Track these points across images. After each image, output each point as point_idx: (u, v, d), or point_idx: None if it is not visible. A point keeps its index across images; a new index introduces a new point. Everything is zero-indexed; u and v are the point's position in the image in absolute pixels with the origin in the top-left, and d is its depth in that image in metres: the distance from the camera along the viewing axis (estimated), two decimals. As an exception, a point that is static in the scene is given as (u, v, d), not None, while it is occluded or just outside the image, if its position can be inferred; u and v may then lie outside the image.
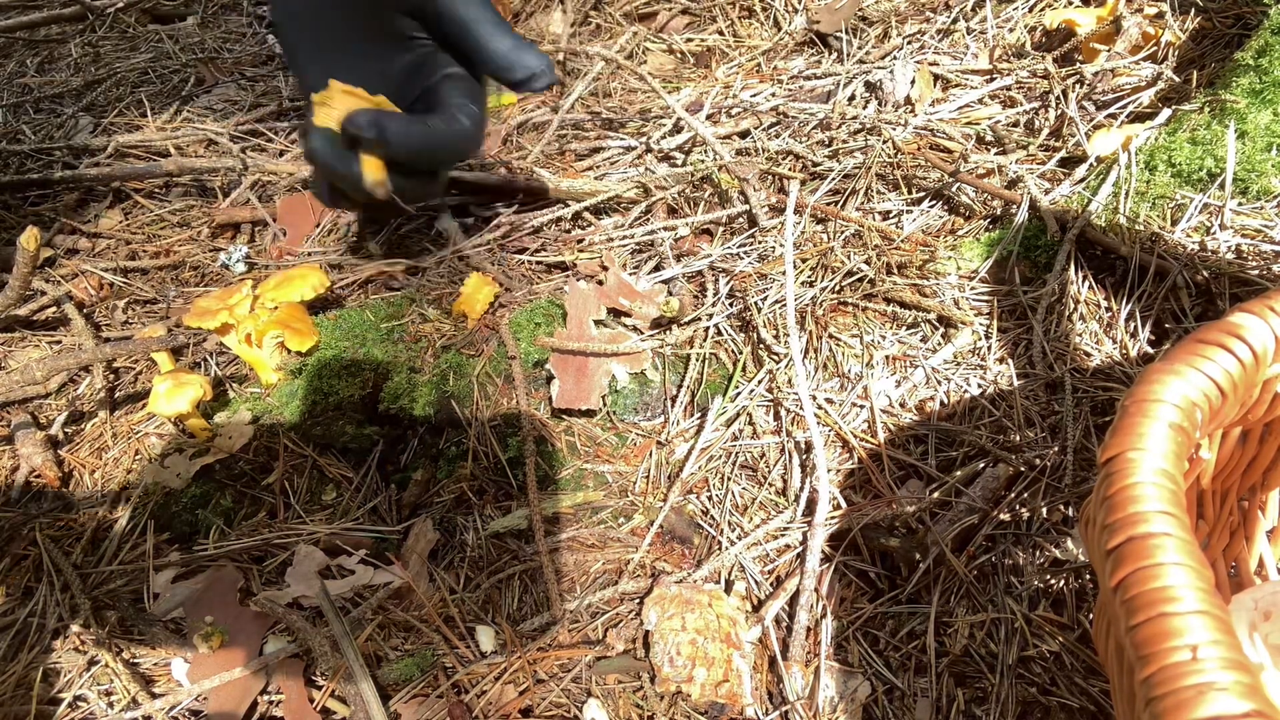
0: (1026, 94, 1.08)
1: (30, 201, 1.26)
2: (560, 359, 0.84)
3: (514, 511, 0.79)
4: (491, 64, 0.68)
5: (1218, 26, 1.04)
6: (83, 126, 1.42)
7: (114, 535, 0.81)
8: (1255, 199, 0.81)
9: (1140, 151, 0.88)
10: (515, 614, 0.73)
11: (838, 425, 0.78)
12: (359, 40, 0.71)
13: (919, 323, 0.86)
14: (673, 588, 0.70)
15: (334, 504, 0.83)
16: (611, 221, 1.06)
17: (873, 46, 1.23)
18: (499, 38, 0.67)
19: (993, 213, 0.94)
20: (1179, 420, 0.40)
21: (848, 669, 0.65)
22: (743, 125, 1.15)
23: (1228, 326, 0.44)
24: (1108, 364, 0.78)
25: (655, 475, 0.80)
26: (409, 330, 0.89)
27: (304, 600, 0.74)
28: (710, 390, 0.85)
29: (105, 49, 1.65)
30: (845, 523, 0.72)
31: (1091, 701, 0.60)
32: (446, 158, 0.70)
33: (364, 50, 0.72)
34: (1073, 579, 0.66)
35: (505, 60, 0.67)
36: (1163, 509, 0.36)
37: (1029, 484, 0.72)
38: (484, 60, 0.68)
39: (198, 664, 0.71)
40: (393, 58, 0.72)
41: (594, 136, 1.21)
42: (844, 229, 0.95)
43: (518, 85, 0.68)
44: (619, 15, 1.45)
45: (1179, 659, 0.32)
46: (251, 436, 0.84)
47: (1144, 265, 0.80)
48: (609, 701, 0.65)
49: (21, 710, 0.69)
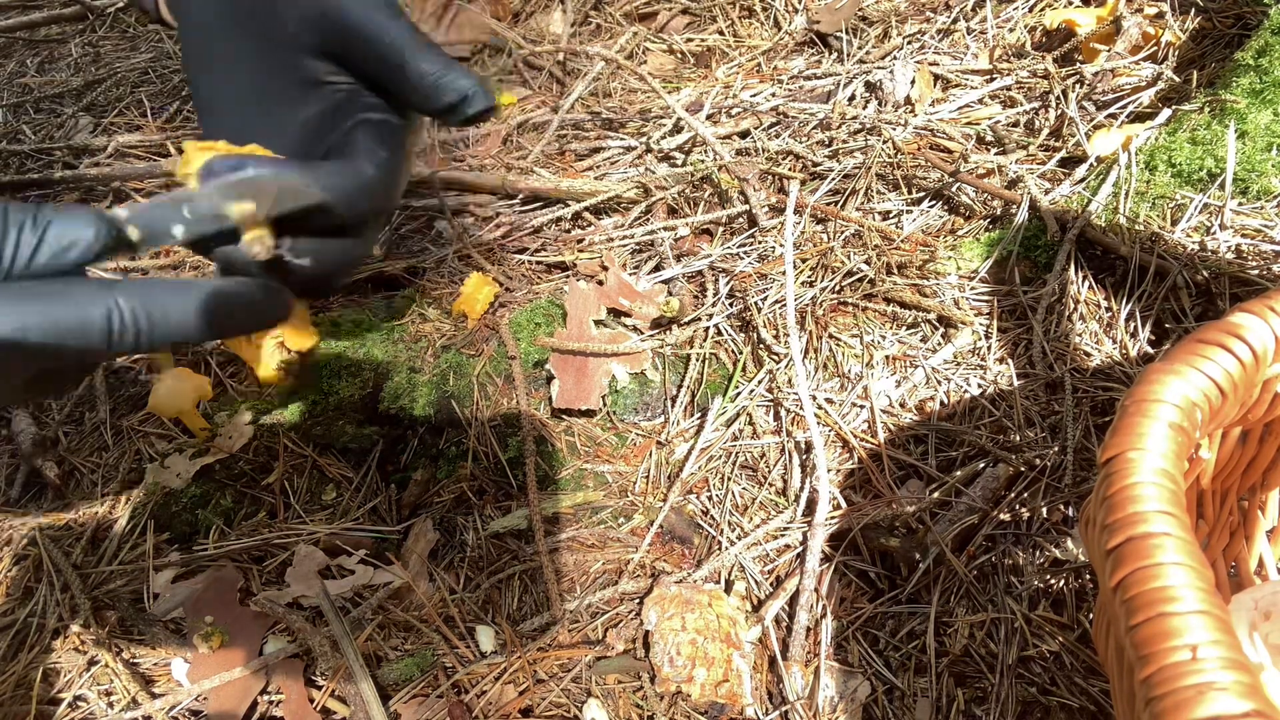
0: (1026, 94, 1.08)
1: (30, 201, 1.26)
2: (560, 359, 0.84)
3: (514, 511, 0.79)
4: (415, 89, 0.58)
5: (1218, 26, 1.04)
6: (83, 126, 1.42)
7: (114, 535, 0.81)
8: (1255, 199, 0.81)
9: (1140, 151, 0.88)
10: (515, 614, 0.73)
11: (838, 425, 0.78)
12: (264, 89, 0.62)
13: (919, 323, 0.86)
14: (673, 588, 0.70)
15: (334, 504, 0.83)
16: (611, 221, 1.06)
17: (873, 46, 1.23)
18: (423, 59, 0.57)
19: (993, 213, 0.94)
20: (1179, 420, 0.40)
21: (848, 669, 0.65)
22: (743, 125, 1.15)
23: (1228, 326, 0.44)
24: (1108, 364, 0.78)
25: (655, 475, 0.80)
26: (409, 330, 0.89)
27: (304, 600, 0.74)
28: (710, 390, 0.85)
29: (105, 49, 1.65)
30: (845, 523, 0.72)
31: (1091, 701, 0.60)
32: (342, 210, 0.55)
33: (273, 99, 0.62)
34: (1073, 579, 0.66)
35: (430, 83, 0.57)
36: (1163, 509, 0.36)
37: (1029, 484, 0.72)
38: (406, 87, 0.58)
39: (198, 664, 0.71)
40: (303, 106, 0.62)
41: (594, 136, 1.21)
42: (844, 229, 0.95)
43: (447, 113, 0.58)
44: (619, 15, 1.45)
45: (1179, 659, 0.32)
46: (251, 436, 0.84)
47: (1144, 265, 0.80)
48: (609, 701, 0.65)
49: (21, 710, 0.69)
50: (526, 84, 1.36)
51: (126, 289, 0.39)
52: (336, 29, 0.58)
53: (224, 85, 0.63)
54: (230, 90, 0.63)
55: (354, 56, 0.59)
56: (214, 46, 0.63)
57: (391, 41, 0.57)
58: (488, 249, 1.02)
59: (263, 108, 0.62)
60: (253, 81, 0.62)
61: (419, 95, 0.58)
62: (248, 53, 0.61)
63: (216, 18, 0.62)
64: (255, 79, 0.62)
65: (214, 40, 0.63)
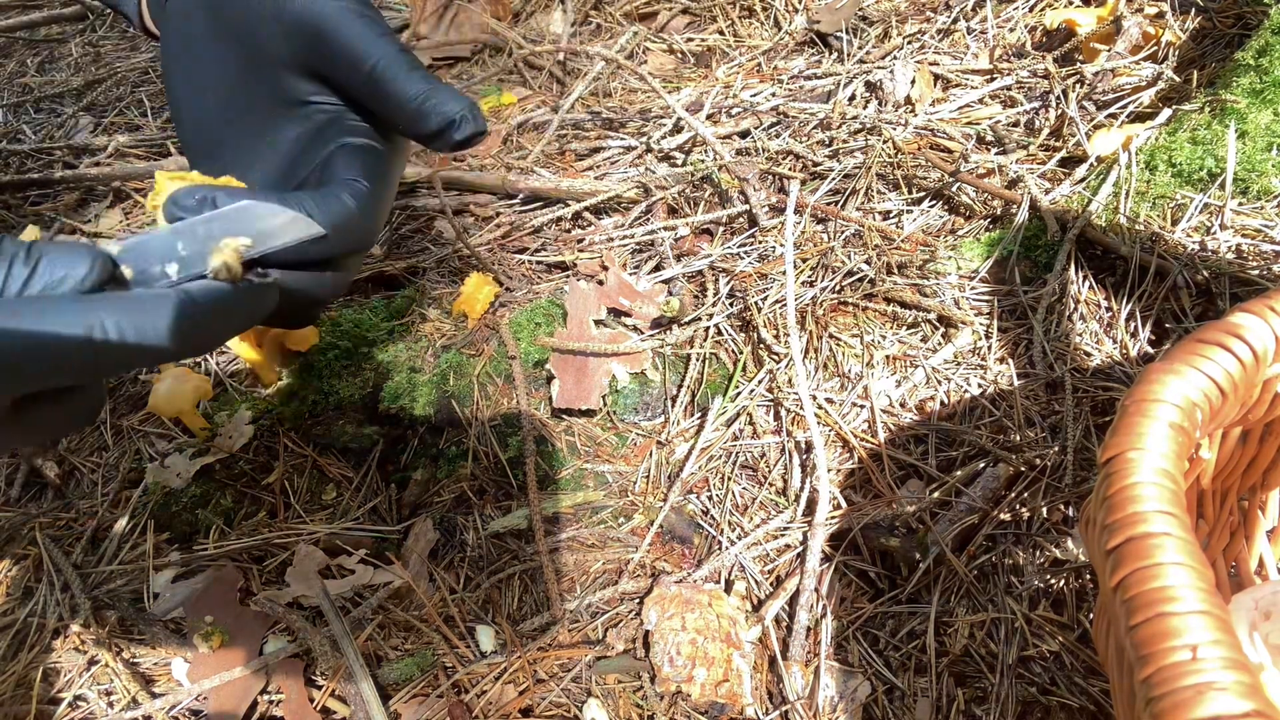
0: (1027, 94, 1.08)
1: (31, 201, 1.26)
2: (560, 359, 0.84)
3: (514, 511, 0.79)
4: (401, 112, 0.54)
5: (1218, 26, 1.04)
6: (83, 126, 1.42)
7: (114, 535, 0.81)
8: (1255, 199, 0.81)
9: (1140, 151, 0.88)
10: (515, 614, 0.73)
11: (838, 425, 0.78)
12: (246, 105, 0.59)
13: (919, 323, 0.86)
14: (673, 588, 0.70)
15: (334, 504, 0.83)
16: (611, 221, 1.06)
17: (873, 46, 1.23)
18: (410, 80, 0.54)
19: (993, 213, 0.94)
20: (1179, 420, 0.40)
21: (848, 669, 0.65)
22: (743, 125, 1.15)
23: (1228, 326, 0.44)
24: (1108, 364, 0.78)
25: (655, 475, 0.80)
26: (409, 330, 0.89)
27: (304, 600, 0.74)
28: (710, 390, 0.85)
29: (105, 49, 1.65)
30: (845, 523, 0.72)
31: (1091, 701, 0.60)
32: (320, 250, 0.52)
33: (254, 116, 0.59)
34: (1073, 579, 0.66)
35: (417, 106, 0.53)
36: (1163, 509, 0.36)
37: (1029, 484, 0.72)
38: (392, 110, 0.54)
39: (198, 664, 0.71)
40: (285, 125, 0.58)
41: (594, 136, 1.21)
42: (844, 229, 0.95)
43: (435, 138, 0.54)
44: (619, 15, 1.45)
45: (1179, 659, 0.32)
46: (251, 436, 0.85)
47: (1144, 265, 0.80)
48: (609, 701, 0.65)
49: (21, 710, 0.69)
50: (526, 84, 1.36)
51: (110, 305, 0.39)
52: (322, 48, 0.54)
53: (205, 100, 0.60)
54: (210, 105, 0.60)
55: (339, 76, 0.56)
56: (196, 60, 0.60)
57: (377, 62, 0.53)
58: (488, 249, 1.02)
59: (243, 125, 0.59)
60: (234, 98, 0.59)
61: (405, 119, 0.54)
62: (230, 68, 0.58)
63: (200, 30, 0.59)
64: (236, 95, 0.59)
65: (196, 53, 0.60)
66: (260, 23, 0.56)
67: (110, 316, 0.38)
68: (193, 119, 0.61)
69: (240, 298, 0.45)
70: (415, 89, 0.53)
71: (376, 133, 0.58)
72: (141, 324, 0.39)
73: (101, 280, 0.40)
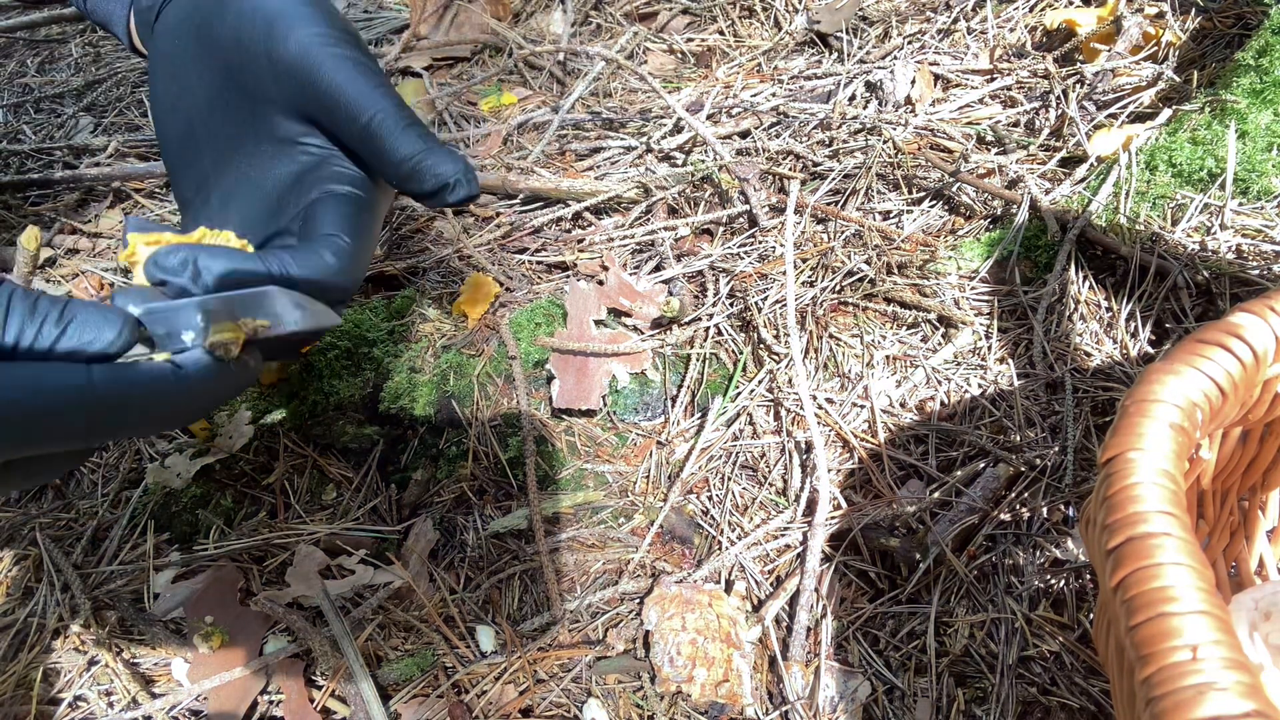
0: (1027, 94, 1.08)
1: (31, 201, 1.26)
2: (560, 359, 0.84)
3: (514, 511, 0.79)
4: (396, 170, 0.53)
5: (1218, 26, 1.04)
6: (83, 126, 1.42)
7: (114, 535, 0.81)
8: (1256, 199, 0.81)
9: (1141, 151, 0.88)
10: (515, 614, 0.73)
11: (838, 425, 0.78)
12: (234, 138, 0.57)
13: (919, 323, 0.86)
14: (673, 588, 0.70)
15: (334, 504, 0.83)
16: (612, 221, 1.06)
17: (873, 46, 1.23)
18: (405, 138, 0.52)
19: (993, 213, 0.94)
20: (1179, 420, 0.40)
21: (848, 669, 0.65)
22: (743, 125, 1.15)
23: (1228, 326, 0.44)
24: (1108, 364, 0.78)
25: (655, 475, 0.80)
26: (409, 330, 0.89)
27: (304, 600, 0.74)
28: (710, 390, 0.85)
29: (105, 49, 1.65)
30: (845, 523, 0.72)
31: (1091, 701, 0.60)
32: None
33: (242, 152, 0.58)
34: (1073, 579, 0.66)
35: (413, 166, 0.52)
36: (1163, 509, 0.36)
37: (1029, 484, 0.72)
38: (385, 166, 0.54)
39: (198, 664, 0.71)
40: (271, 163, 0.57)
41: (594, 136, 1.21)
42: (844, 229, 0.95)
43: (428, 198, 0.53)
44: (619, 15, 1.45)
45: (1179, 659, 0.32)
46: (251, 436, 0.85)
47: (1144, 265, 0.80)
48: (609, 701, 0.65)
49: (21, 710, 0.69)
50: (527, 84, 1.36)
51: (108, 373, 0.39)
52: (316, 95, 0.53)
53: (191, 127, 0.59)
54: (198, 133, 0.59)
55: (332, 125, 0.55)
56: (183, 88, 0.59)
57: (373, 117, 0.52)
58: (488, 249, 1.02)
59: (230, 158, 0.58)
60: (220, 128, 0.58)
61: (399, 177, 0.54)
62: (216, 98, 0.57)
63: (189, 57, 0.58)
64: (223, 126, 0.58)
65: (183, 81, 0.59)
66: (252, 59, 0.54)
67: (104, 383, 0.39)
68: (176, 146, 0.60)
69: (227, 375, 0.46)
70: (410, 148, 0.52)
71: (364, 179, 0.57)
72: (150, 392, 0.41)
73: (128, 345, 0.41)
